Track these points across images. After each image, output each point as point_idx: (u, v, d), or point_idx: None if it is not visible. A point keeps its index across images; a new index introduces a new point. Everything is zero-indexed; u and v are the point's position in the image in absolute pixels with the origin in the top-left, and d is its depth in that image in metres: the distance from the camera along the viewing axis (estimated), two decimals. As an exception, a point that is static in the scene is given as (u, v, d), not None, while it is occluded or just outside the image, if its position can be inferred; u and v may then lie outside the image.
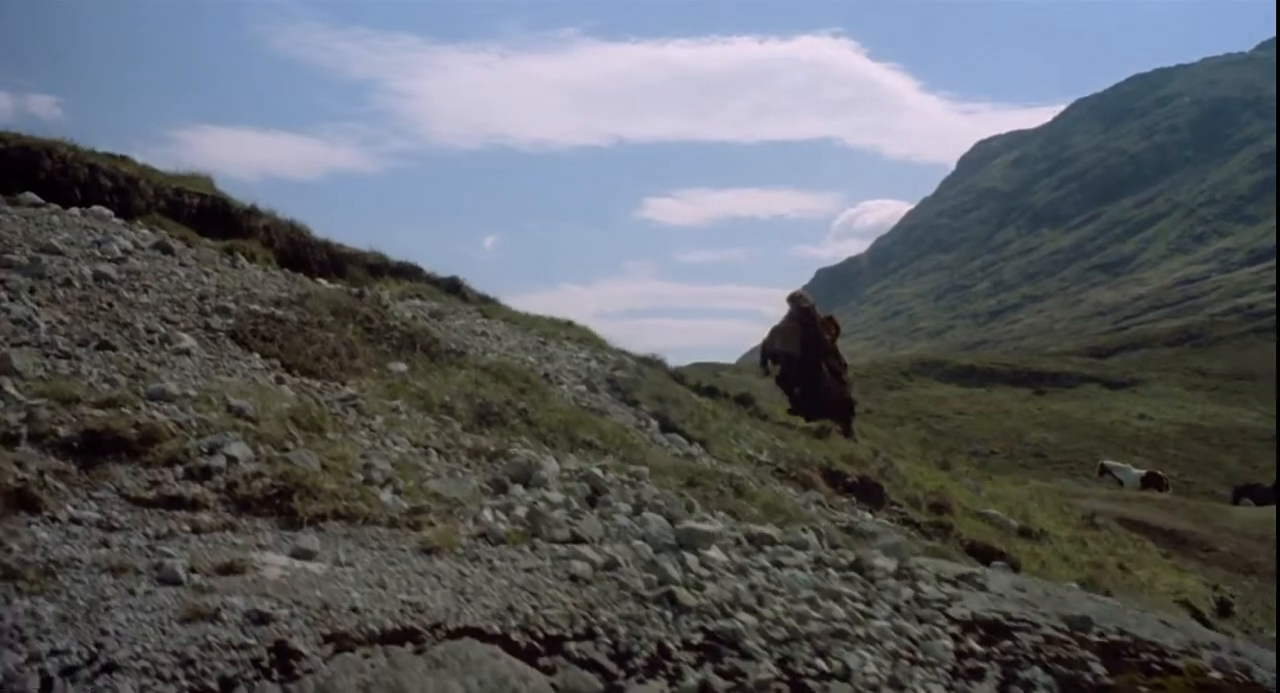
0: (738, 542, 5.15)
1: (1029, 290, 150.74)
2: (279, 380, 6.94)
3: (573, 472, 6.53)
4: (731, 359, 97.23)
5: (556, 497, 5.55)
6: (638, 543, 4.85)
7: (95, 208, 12.06)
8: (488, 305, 16.67)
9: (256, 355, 7.52)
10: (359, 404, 6.62)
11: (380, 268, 16.84)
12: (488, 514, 4.99)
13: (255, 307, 8.39)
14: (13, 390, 5.10)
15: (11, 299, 7.06)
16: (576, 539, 4.81)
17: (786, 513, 8.92)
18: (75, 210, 11.47)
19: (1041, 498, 24.65)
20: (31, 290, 7.41)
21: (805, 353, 18.35)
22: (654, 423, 11.27)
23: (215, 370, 6.73)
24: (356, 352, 8.35)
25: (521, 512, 5.05)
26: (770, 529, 5.64)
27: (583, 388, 11.33)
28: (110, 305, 7.62)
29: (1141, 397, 68.86)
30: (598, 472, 6.54)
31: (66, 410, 4.95)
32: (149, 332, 7.23)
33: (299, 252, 15.28)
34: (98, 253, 9.25)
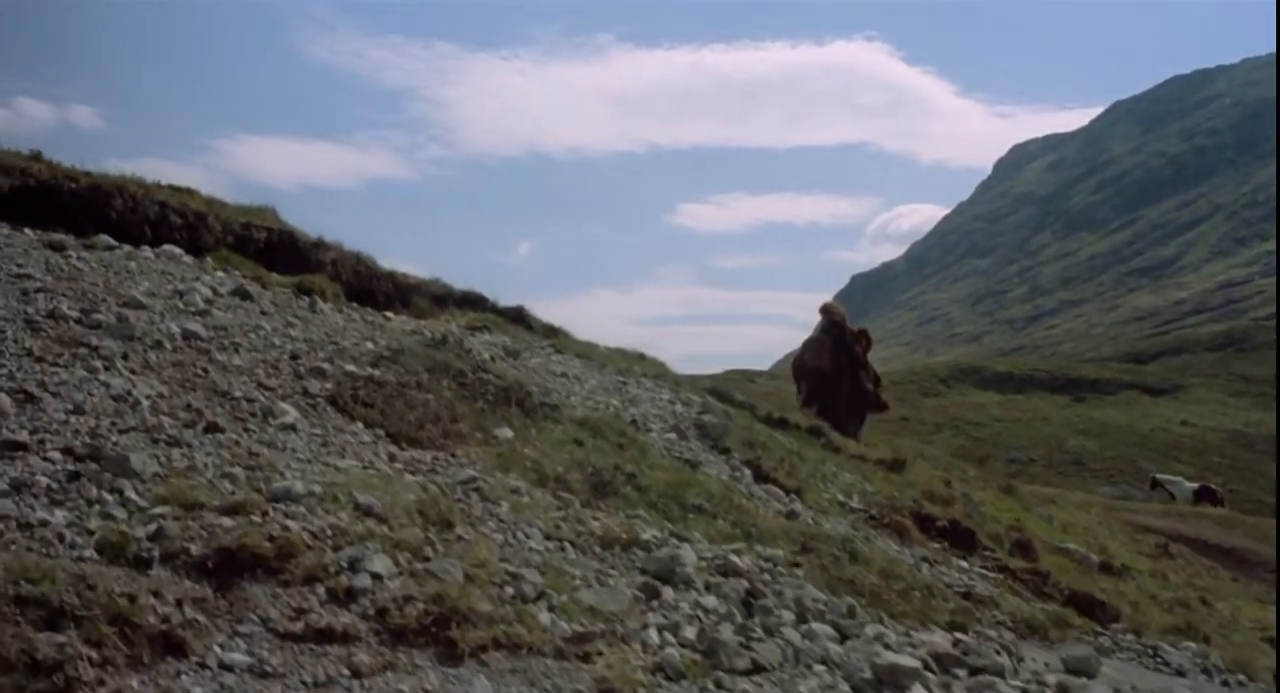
0: (925, 665, 4.67)
1: (1066, 295, 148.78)
2: (391, 458, 6.53)
3: (709, 561, 6.10)
4: (765, 365, 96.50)
5: (712, 603, 5.10)
6: (820, 669, 4.38)
7: (166, 247, 11.77)
8: (557, 338, 16.27)
9: (360, 424, 7.11)
10: (480, 488, 6.19)
11: (445, 298, 16.49)
12: (653, 635, 4.54)
13: (351, 367, 7.98)
14: (134, 496, 4.70)
15: (107, 369, 6.69)
16: (758, 668, 4.35)
17: (904, 579, 8.48)
18: (148, 251, 11.16)
19: (1110, 524, 24.04)
20: (125, 356, 7.04)
21: (835, 368, 18.00)
22: (747, 472, 10.83)
23: (325, 449, 6.32)
24: (458, 414, 7.93)
25: (690, 633, 4.59)
26: (943, 639, 5.16)
27: (673, 435, 10.89)
28: (205, 371, 7.24)
29: (1183, 403, 67.51)
30: (736, 561, 6.13)
31: (194, 521, 4.54)
32: (249, 401, 6.83)
33: (365, 284, 14.97)
34: (180, 304, 8.90)
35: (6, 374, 6.13)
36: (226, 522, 4.59)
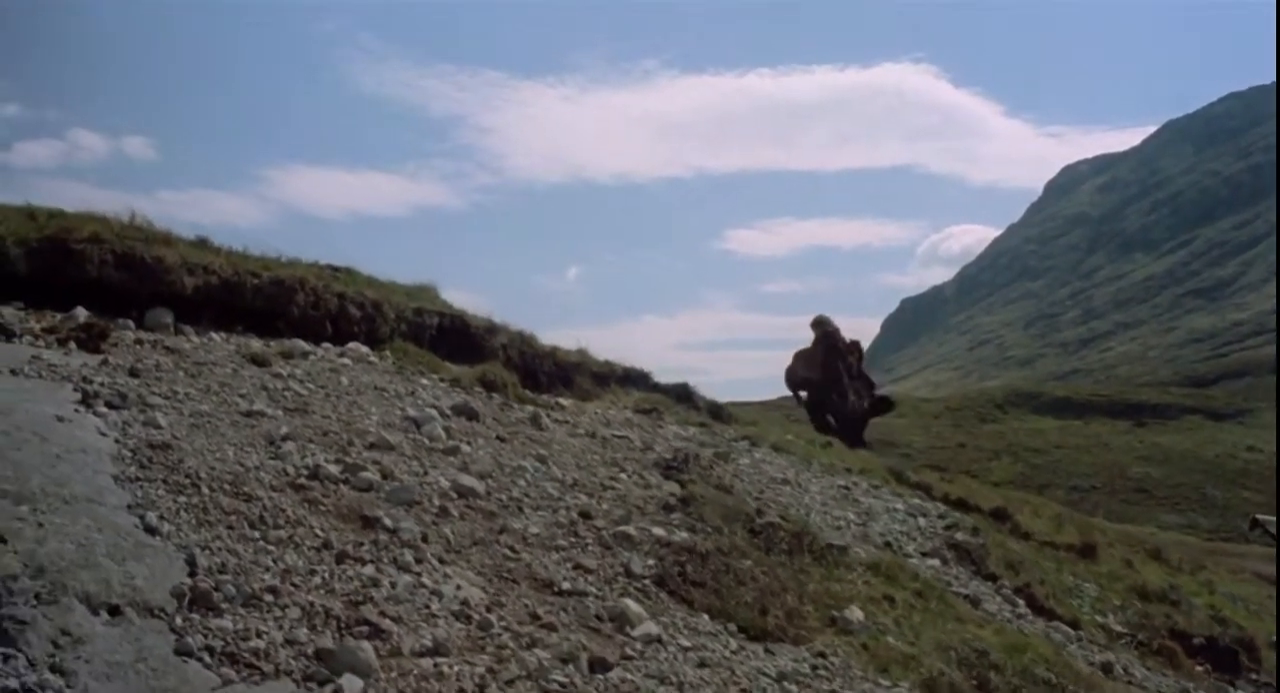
0: None
1: (1121, 318, 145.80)
2: (781, 678, 5.31)
3: None
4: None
5: None
6: None
7: (352, 346, 10.81)
8: (723, 418, 15.13)
9: (705, 616, 5.93)
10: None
11: (606, 376, 15.39)
12: None
13: (658, 530, 6.83)
14: None
15: (419, 561, 5.53)
16: None
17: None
18: (345, 358, 10.15)
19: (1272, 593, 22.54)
20: (424, 539, 5.89)
21: (826, 376, 17.61)
22: (1021, 603, 9.59)
23: (718, 675, 5.12)
24: (781, 581, 6.73)
25: None
26: None
27: (935, 562, 9.69)
28: (513, 550, 6.09)
29: (1248, 428, 65.01)
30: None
31: None
32: (582, 596, 5.68)
33: (529, 364, 13.97)
34: (425, 441, 7.86)
35: (321, 585, 4.99)
36: None
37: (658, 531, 6.83)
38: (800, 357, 18.32)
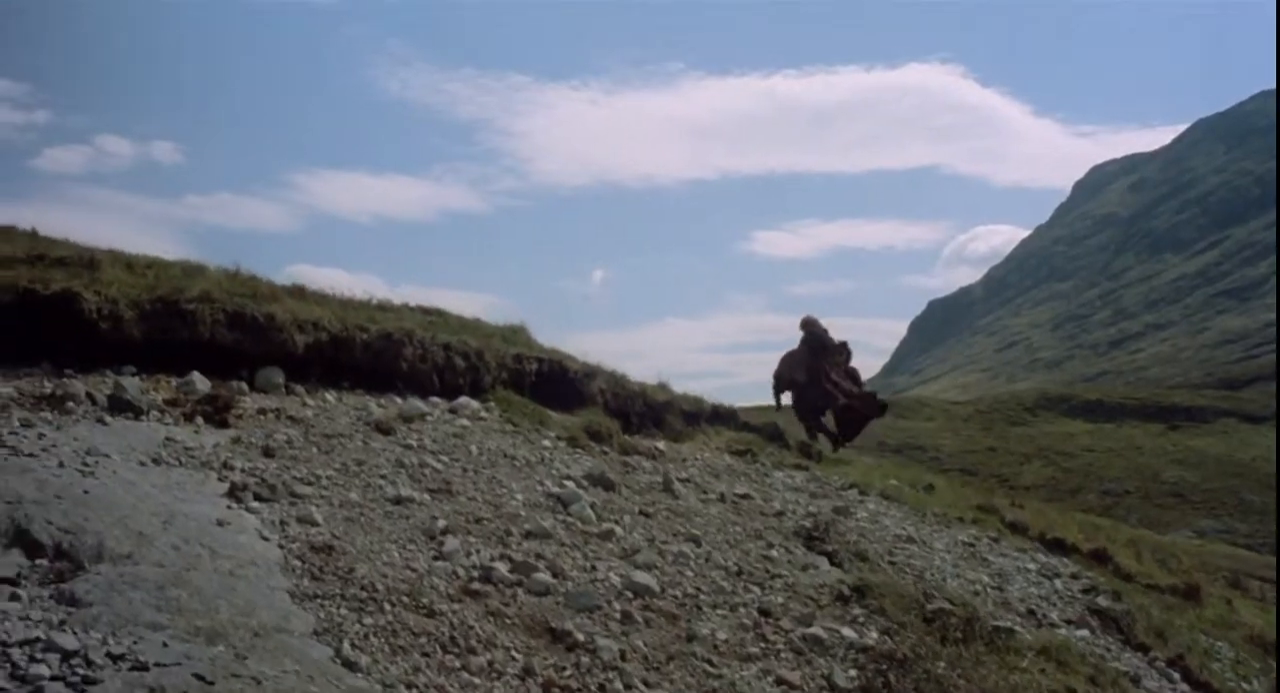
0: None
1: (1151, 318, 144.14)
2: None
3: None
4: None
5: None
6: None
7: (462, 400, 10.49)
8: (836, 467, 14.65)
9: (923, 741, 5.51)
10: None
11: (696, 415, 14.99)
12: None
13: (847, 632, 6.41)
14: None
15: (627, 687, 5.13)
16: None
17: None
18: (460, 417, 9.81)
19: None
20: (623, 657, 5.48)
21: (811, 377, 17.42)
22: (1178, 677, 9.09)
23: None
24: (980, 685, 6.30)
25: None
26: None
27: (1085, 632, 9.18)
28: (712, 664, 5.68)
29: None
30: None
31: None
32: (798, 723, 5.26)
33: (621, 405, 13.59)
34: (578, 524, 7.49)
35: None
36: None
37: (847, 632, 6.41)
38: (786, 359, 18.14)
